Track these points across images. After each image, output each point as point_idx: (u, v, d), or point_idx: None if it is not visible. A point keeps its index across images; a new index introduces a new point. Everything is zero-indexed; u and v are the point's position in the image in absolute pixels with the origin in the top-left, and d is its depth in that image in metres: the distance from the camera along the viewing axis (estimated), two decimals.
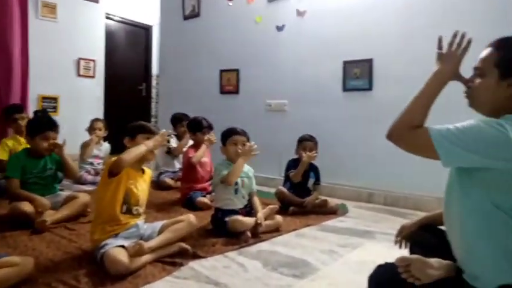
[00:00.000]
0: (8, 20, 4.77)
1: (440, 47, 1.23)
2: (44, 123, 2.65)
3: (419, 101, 1.18)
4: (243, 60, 4.49)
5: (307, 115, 3.93)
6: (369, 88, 3.55)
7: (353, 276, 1.81)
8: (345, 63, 3.69)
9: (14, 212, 2.39)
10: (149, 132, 2.03)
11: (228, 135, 2.53)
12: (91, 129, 4.03)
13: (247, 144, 2.42)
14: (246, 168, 2.54)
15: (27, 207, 2.38)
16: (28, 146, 2.68)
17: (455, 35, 1.21)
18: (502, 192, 1.06)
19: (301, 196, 3.02)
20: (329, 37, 3.82)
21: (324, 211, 3.00)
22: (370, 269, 1.35)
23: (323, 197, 3.14)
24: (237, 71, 4.54)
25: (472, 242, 1.10)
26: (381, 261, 1.39)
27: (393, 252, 1.24)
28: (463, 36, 1.21)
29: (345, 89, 3.71)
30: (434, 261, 1.17)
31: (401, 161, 3.31)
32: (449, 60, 1.20)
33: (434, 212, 1.54)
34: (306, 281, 1.77)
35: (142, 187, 2.01)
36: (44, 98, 5.27)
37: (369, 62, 3.54)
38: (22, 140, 3.38)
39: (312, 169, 3.17)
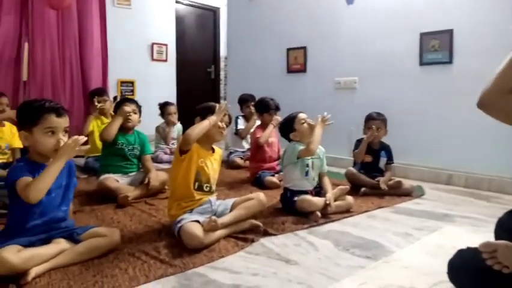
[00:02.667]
0: (88, 9, 5.12)
1: None
2: (125, 98, 3.04)
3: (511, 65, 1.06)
4: (311, 37, 4.39)
5: (379, 92, 3.76)
6: (449, 61, 3.29)
7: (430, 260, 1.73)
8: (422, 35, 3.44)
9: (101, 188, 2.62)
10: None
11: (292, 120, 2.49)
12: (164, 113, 4.25)
13: (320, 116, 2.40)
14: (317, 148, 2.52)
15: (111, 183, 2.58)
16: None
17: None
18: None
19: (373, 177, 2.92)
20: (403, 7, 3.57)
21: (398, 193, 2.87)
22: (449, 253, 1.28)
23: (397, 178, 3.00)
24: (304, 48, 4.46)
25: None
26: (462, 246, 1.31)
27: (475, 237, 1.16)
28: None
29: (422, 63, 3.46)
30: None
31: (484, 140, 3.08)
32: None
33: None
34: (380, 262, 1.72)
35: (212, 166, 2.07)
36: (122, 82, 5.63)
37: (449, 33, 3.27)
38: (105, 120, 3.66)
39: (383, 148, 3.04)
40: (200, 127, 1.94)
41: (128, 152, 2.78)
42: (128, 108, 2.76)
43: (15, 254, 1.40)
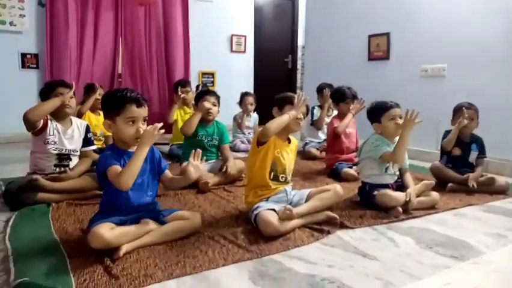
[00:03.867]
0: (172, 4, 5.41)
1: None
2: (204, 91, 3.09)
3: None
4: (394, 23, 4.15)
5: (470, 80, 3.45)
6: None
7: None
8: None
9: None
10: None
11: (382, 111, 2.32)
12: (242, 103, 4.35)
13: (409, 112, 2.17)
14: None
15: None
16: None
17: None
18: None
19: (462, 172, 2.70)
20: None
21: (491, 190, 2.62)
22: None
23: (490, 174, 2.74)
24: (387, 34, 4.23)
25: None
26: None
27: None
28: None
29: None
30: None
31: None
32: None
33: None
34: (467, 263, 1.59)
35: (288, 156, 2.07)
36: (204, 74, 5.86)
37: None
38: (188, 110, 3.85)
39: (474, 140, 2.79)
40: (279, 121, 1.94)
41: (207, 143, 2.90)
42: (208, 104, 2.85)
43: (109, 231, 1.54)
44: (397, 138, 2.24)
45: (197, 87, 4.77)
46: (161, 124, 1.65)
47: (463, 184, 2.63)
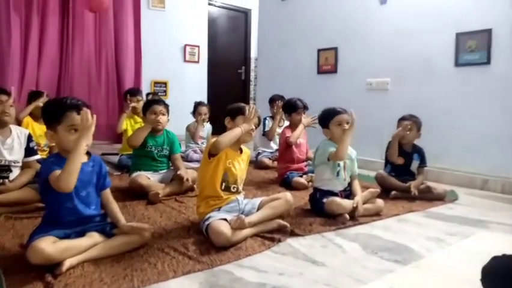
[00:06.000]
0: (124, 11, 5.30)
1: None
2: (151, 100, 3.01)
3: None
4: (342, 38, 4.34)
5: (412, 94, 3.67)
6: (487, 62, 3.17)
7: (462, 266, 1.67)
8: (458, 35, 3.34)
9: (133, 185, 2.69)
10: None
11: (331, 116, 2.43)
12: (196, 113, 4.33)
13: (347, 116, 2.34)
14: (349, 149, 2.49)
15: (143, 180, 2.65)
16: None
17: None
18: None
19: (404, 180, 2.85)
20: (438, 7, 3.48)
21: (430, 197, 2.79)
22: (483, 260, 1.23)
23: (428, 183, 2.92)
24: (335, 49, 4.42)
25: None
26: (497, 253, 1.26)
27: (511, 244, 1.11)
28: None
29: (458, 63, 3.36)
30: None
31: None
32: None
33: None
34: (409, 267, 1.68)
35: (240, 166, 2.09)
36: (156, 83, 5.77)
37: (487, 33, 3.15)
38: (138, 119, 3.77)
39: (416, 151, 2.96)
40: (231, 135, 1.96)
41: (157, 154, 2.84)
42: (155, 116, 2.79)
43: (51, 245, 1.46)
44: None
45: (147, 95, 4.69)
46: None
47: (406, 192, 2.78)
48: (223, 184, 2.02)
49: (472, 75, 3.28)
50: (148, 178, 2.72)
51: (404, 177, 2.88)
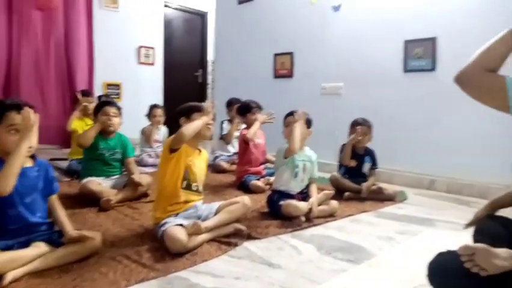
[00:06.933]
0: (75, 11, 5.09)
1: None
2: (103, 102, 2.94)
3: (495, 45, 1.08)
4: (298, 43, 4.42)
5: (364, 98, 3.80)
6: (432, 68, 3.35)
7: (411, 263, 1.75)
8: (407, 42, 3.50)
9: (83, 191, 2.58)
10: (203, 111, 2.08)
11: (286, 117, 2.56)
12: (151, 115, 4.23)
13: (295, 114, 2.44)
14: (309, 152, 2.54)
15: (94, 186, 2.55)
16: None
17: None
18: None
19: (357, 181, 2.94)
20: (388, 15, 3.64)
21: (381, 198, 2.90)
22: (430, 256, 1.29)
23: (379, 184, 3.04)
24: (291, 54, 4.49)
25: None
26: (443, 250, 1.32)
27: (456, 241, 1.18)
28: None
29: (406, 70, 3.53)
30: (501, 251, 1.09)
31: (466, 146, 3.14)
32: None
33: (504, 194, 1.45)
34: (362, 266, 1.73)
35: (200, 165, 2.07)
36: (109, 85, 5.59)
37: (432, 41, 3.33)
38: (89, 122, 3.62)
39: (368, 153, 3.07)
40: (194, 126, 1.94)
41: (109, 157, 2.75)
42: (106, 118, 2.71)
43: None
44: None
45: (99, 97, 4.53)
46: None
47: (358, 193, 2.87)
48: (185, 182, 1.98)
49: (419, 80, 3.46)
50: (100, 184, 2.62)
51: (357, 178, 2.97)
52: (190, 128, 1.92)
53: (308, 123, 2.57)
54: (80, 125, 3.62)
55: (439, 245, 1.37)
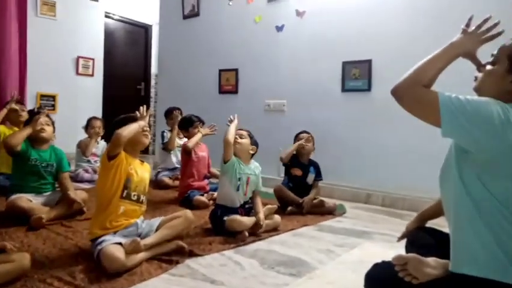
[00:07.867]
0: (7, 17, 4.78)
1: (467, 25, 1.19)
2: (35, 112, 2.82)
3: (432, 62, 1.14)
4: (242, 60, 4.49)
5: (305, 115, 3.93)
6: (368, 89, 3.56)
7: (350, 275, 1.81)
8: (344, 63, 3.69)
9: (11, 208, 2.38)
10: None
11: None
12: (89, 127, 4.03)
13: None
14: (253, 165, 2.55)
15: (24, 202, 2.37)
16: None
17: (486, 20, 1.18)
18: (494, 178, 1.04)
19: (301, 193, 3.02)
20: (328, 37, 3.82)
21: (322, 211, 3.00)
22: (367, 268, 1.34)
23: (320, 198, 3.14)
24: (235, 70, 4.54)
25: (464, 225, 1.09)
26: (378, 260, 1.39)
27: (391, 252, 1.24)
28: (496, 24, 1.18)
29: (344, 89, 3.71)
30: (431, 260, 1.16)
31: (399, 162, 3.35)
32: (471, 38, 1.17)
33: (432, 204, 1.56)
34: (303, 279, 1.76)
35: (142, 175, 1.99)
36: (42, 96, 5.27)
37: (368, 63, 3.55)
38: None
39: (312, 164, 3.18)
40: (129, 128, 1.87)
41: (42, 169, 2.57)
42: (41, 119, 2.58)
43: None
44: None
45: (30, 111, 4.24)
46: None
47: (300, 206, 2.94)
48: (125, 191, 1.88)
49: (356, 100, 3.65)
50: (30, 201, 2.44)
51: (301, 189, 3.05)
52: (125, 129, 1.85)
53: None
54: (8, 132, 3.34)
55: (376, 257, 1.43)
